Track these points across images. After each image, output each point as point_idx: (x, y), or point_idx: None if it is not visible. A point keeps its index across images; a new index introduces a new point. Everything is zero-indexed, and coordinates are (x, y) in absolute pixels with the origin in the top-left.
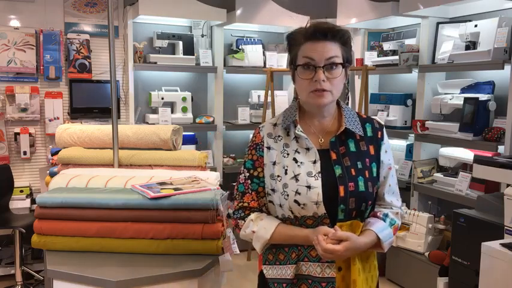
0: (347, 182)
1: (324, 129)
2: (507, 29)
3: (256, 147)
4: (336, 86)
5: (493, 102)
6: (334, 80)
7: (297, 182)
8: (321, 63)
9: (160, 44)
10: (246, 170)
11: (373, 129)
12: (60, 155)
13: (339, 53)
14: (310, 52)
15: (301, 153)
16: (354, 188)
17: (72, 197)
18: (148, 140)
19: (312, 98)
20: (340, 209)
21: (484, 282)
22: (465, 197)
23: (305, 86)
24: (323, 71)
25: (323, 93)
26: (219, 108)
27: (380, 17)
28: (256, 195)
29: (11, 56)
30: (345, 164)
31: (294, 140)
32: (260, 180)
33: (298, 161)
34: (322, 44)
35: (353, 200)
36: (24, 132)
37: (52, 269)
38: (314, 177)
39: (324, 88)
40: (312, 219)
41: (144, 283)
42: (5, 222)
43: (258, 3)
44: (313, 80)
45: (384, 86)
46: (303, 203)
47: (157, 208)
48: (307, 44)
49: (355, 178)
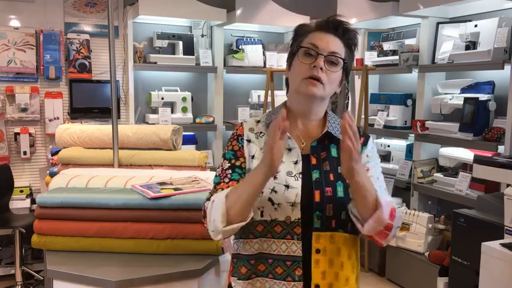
0: (324, 186)
1: (307, 133)
2: (507, 29)
3: (238, 138)
4: (331, 81)
5: (493, 102)
6: (332, 74)
7: (275, 179)
8: (324, 52)
9: (160, 44)
10: (227, 161)
11: None
12: (60, 155)
13: (343, 52)
14: (316, 40)
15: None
16: (331, 193)
17: (72, 197)
18: (148, 140)
19: (304, 85)
20: (315, 216)
21: (484, 282)
22: (465, 197)
23: (301, 71)
24: (324, 61)
25: (316, 83)
26: (219, 108)
27: (380, 17)
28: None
29: (11, 56)
30: (324, 169)
31: None
32: (242, 170)
33: None
34: (331, 37)
35: (330, 206)
36: (24, 132)
37: (52, 269)
38: (294, 177)
39: (320, 77)
40: (282, 225)
41: (144, 283)
42: (5, 222)
43: (258, 3)
44: (312, 66)
45: (383, 86)
46: (277, 202)
47: (157, 208)
48: (316, 33)
49: (334, 183)
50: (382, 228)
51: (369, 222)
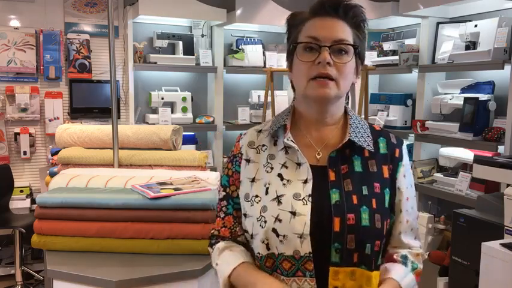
0: (345, 212)
1: (324, 140)
2: (507, 29)
3: (233, 160)
4: (343, 75)
5: (493, 102)
6: (343, 66)
7: (279, 205)
8: (327, 42)
9: (160, 44)
10: (222, 189)
11: (389, 145)
12: (60, 155)
13: (350, 37)
14: (315, 30)
15: (290, 168)
16: (354, 221)
17: (72, 197)
18: (148, 140)
19: (312, 88)
20: (333, 249)
21: (484, 282)
22: (465, 197)
23: (305, 72)
24: (329, 53)
25: (327, 82)
26: (219, 108)
27: (380, 17)
28: (231, 220)
29: (11, 56)
30: (346, 189)
31: (282, 151)
32: (234, 201)
33: (284, 178)
34: (331, 22)
35: (352, 237)
36: (24, 132)
37: (52, 269)
38: (302, 201)
39: (329, 74)
40: (290, 261)
41: (144, 283)
42: (5, 222)
43: (258, 3)
44: (316, 62)
45: (383, 86)
46: (282, 234)
47: (157, 208)
48: (312, 21)
49: (357, 208)
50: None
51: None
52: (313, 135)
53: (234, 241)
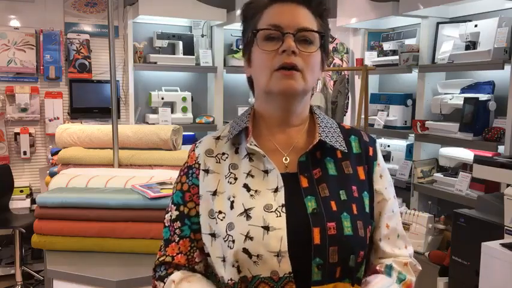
0: (325, 221)
1: (291, 144)
2: (507, 29)
3: (188, 172)
4: (310, 67)
5: (493, 102)
6: (309, 56)
7: (249, 220)
8: (291, 29)
9: (160, 44)
10: (174, 207)
11: (362, 144)
12: (60, 155)
13: (315, 25)
14: (277, 17)
15: (256, 177)
16: (335, 230)
17: (72, 197)
18: (148, 140)
19: (276, 81)
20: (315, 265)
21: (484, 282)
22: (465, 197)
23: (267, 63)
24: (294, 41)
25: (293, 73)
26: (219, 108)
27: (380, 17)
28: (188, 245)
29: (11, 56)
30: (322, 194)
31: (245, 159)
32: (192, 221)
33: (251, 189)
34: (294, 8)
35: (335, 249)
36: (24, 132)
37: (52, 269)
38: (275, 212)
39: (295, 64)
40: (268, 283)
41: (144, 283)
42: (5, 222)
43: None
44: (280, 51)
45: (383, 86)
46: (256, 253)
47: (157, 208)
48: (273, 8)
49: (338, 215)
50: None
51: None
52: (277, 139)
53: (191, 270)
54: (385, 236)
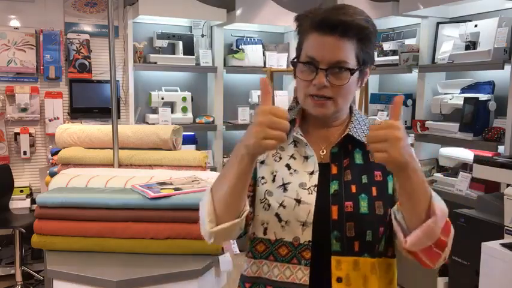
0: (343, 200)
1: (328, 139)
2: (507, 29)
3: None
4: (341, 94)
5: (493, 102)
6: (340, 87)
7: (285, 192)
8: (323, 65)
9: (160, 44)
10: None
11: None
12: (60, 155)
13: (352, 54)
14: (313, 50)
15: (298, 160)
16: (352, 208)
17: (72, 197)
18: (148, 140)
19: (309, 105)
20: (333, 237)
21: (484, 282)
22: (465, 197)
23: (303, 88)
24: (326, 75)
25: (323, 102)
26: (219, 108)
27: (380, 17)
28: None
29: (11, 56)
30: (345, 179)
31: (291, 144)
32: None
33: (291, 168)
34: (330, 41)
35: (351, 225)
36: (24, 132)
37: (52, 269)
38: (308, 190)
39: (324, 95)
40: (288, 247)
41: (144, 283)
42: (5, 222)
43: (258, 3)
44: (313, 83)
45: (383, 86)
46: (285, 219)
47: (157, 208)
48: (313, 36)
49: (356, 196)
50: (430, 243)
51: (415, 233)
52: (319, 134)
53: None
54: None
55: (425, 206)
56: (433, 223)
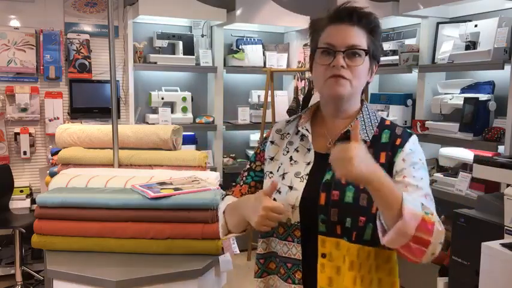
0: (331, 189)
1: (338, 131)
2: (507, 29)
3: (263, 141)
4: (356, 76)
5: (493, 102)
6: (356, 68)
7: (283, 180)
8: (341, 48)
9: (160, 44)
10: (249, 163)
11: (391, 136)
12: (60, 155)
13: (364, 41)
14: (331, 37)
15: (300, 152)
16: (338, 197)
17: (72, 197)
18: (148, 140)
19: (328, 86)
20: (320, 219)
21: (484, 282)
22: (465, 197)
23: (322, 72)
24: (343, 57)
25: (341, 81)
26: (219, 108)
27: (380, 17)
28: (246, 188)
29: (11, 56)
30: None
31: (299, 138)
32: (256, 174)
33: (293, 159)
34: (345, 28)
35: (335, 211)
36: (24, 132)
37: (52, 269)
38: (300, 178)
39: (342, 75)
40: (284, 227)
41: (144, 283)
42: (5, 222)
43: (258, 3)
44: (331, 65)
45: (383, 86)
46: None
47: (157, 208)
48: (330, 28)
49: (344, 186)
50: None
51: (389, 233)
52: (328, 127)
53: None
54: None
55: (396, 210)
56: (402, 225)
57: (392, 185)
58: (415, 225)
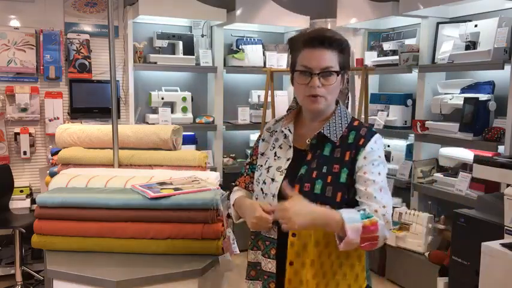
0: (303, 182)
1: (314, 131)
2: (507, 29)
3: (259, 138)
4: (330, 92)
5: (493, 102)
6: (329, 86)
7: (267, 173)
8: (316, 70)
9: (160, 44)
10: (249, 157)
11: (357, 136)
12: (60, 155)
13: (335, 61)
14: (307, 60)
15: (283, 149)
16: (309, 188)
17: (72, 197)
18: (148, 140)
19: (307, 103)
20: None
21: (484, 282)
22: (465, 197)
23: (302, 90)
24: (318, 78)
25: (317, 99)
26: (219, 108)
27: (380, 17)
28: (248, 179)
29: (11, 56)
30: (311, 166)
31: (283, 136)
32: (253, 166)
33: (277, 155)
34: (319, 52)
35: (306, 199)
36: (24, 132)
37: (52, 269)
38: (280, 172)
39: (318, 94)
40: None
41: (144, 283)
42: (5, 222)
43: (258, 3)
44: (309, 85)
45: (383, 86)
46: (266, 193)
47: (157, 208)
48: (305, 51)
49: (314, 180)
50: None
51: (340, 246)
52: (309, 127)
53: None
54: (363, 195)
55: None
56: (348, 240)
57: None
58: (358, 235)
